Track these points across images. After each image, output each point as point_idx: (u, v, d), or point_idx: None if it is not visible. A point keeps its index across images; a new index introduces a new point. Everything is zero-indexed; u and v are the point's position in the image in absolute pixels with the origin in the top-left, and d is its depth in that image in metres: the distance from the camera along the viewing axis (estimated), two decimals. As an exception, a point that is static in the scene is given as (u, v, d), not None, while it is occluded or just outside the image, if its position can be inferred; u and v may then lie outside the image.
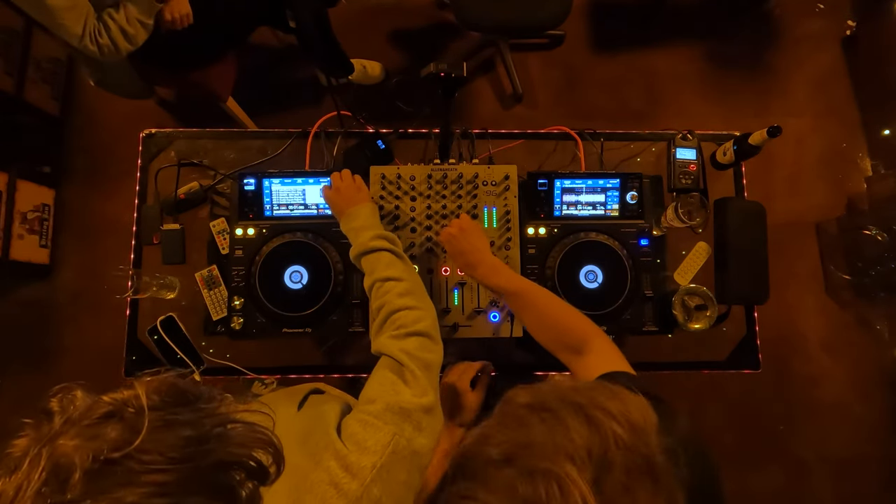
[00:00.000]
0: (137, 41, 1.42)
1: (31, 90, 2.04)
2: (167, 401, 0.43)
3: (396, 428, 0.62)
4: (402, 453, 0.60)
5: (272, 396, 0.88)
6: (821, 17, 2.40)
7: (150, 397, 0.42)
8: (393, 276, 0.86)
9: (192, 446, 0.41)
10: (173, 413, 0.42)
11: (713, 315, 1.22)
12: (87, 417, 0.41)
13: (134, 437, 0.39)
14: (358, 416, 0.64)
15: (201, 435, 0.42)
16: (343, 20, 1.87)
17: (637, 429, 0.45)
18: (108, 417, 0.41)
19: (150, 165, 1.34)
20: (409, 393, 0.67)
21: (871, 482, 2.08)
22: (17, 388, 2.05)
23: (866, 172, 2.28)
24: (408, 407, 0.64)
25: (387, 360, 0.73)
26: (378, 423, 0.62)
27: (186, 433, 0.42)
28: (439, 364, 0.77)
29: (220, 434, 0.44)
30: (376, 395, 0.67)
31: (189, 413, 0.43)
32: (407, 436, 0.61)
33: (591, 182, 1.26)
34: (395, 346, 0.74)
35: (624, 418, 0.45)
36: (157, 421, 0.41)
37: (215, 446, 0.43)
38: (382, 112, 2.20)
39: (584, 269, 1.21)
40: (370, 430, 0.61)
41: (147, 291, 1.20)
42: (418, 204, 1.22)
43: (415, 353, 0.73)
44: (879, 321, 2.16)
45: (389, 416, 0.63)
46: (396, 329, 0.77)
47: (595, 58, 2.34)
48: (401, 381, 0.69)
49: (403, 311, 0.80)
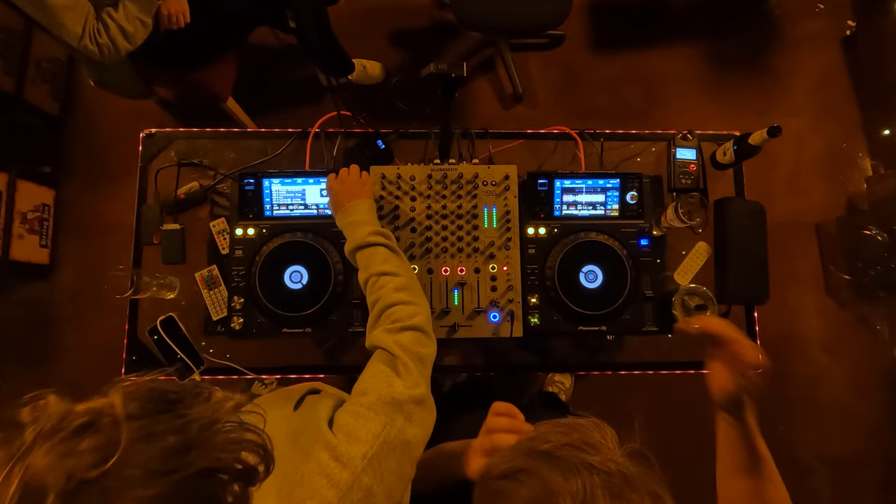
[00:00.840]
0: (136, 40, 1.42)
1: (31, 90, 2.04)
2: (148, 408, 0.40)
3: (388, 419, 0.61)
4: (393, 443, 0.60)
5: (269, 397, 0.88)
6: (821, 17, 2.40)
7: (127, 405, 0.39)
8: (389, 270, 0.86)
9: (175, 457, 0.39)
10: (154, 421, 0.40)
11: (713, 315, 1.22)
12: (60, 430, 0.37)
13: (111, 451, 0.36)
14: (350, 407, 0.64)
15: (185, 442, 0.40)
16: (343, 20, 1.87)
17: (601, 449, 0.48)
18: (84, 430, 0.38)
19: (150, 165, 1.34)
20: (402, 384, 0.67)
21: (871, 482, 2.08)
22: (16, 388, 2.05)
23: (866, 172, 2.28)
24: (399, 398, 0.64)
25: (381, 353, 0.73)
26: (370, 415, 0.62)
27: (169, 442, 0.39)
28: (432, 358, 0.77)
29: (206, 438, 0.41)
30: (369, 386, 0.67)
31: (171, 419, 0.41)
32: (398, 426, 0.61)
33: (591, 182, 1.26)
34: (390, 339, 0.74)
35: (586, 445, 0.48)
36: (137, 432, 0.38)
37: (200, 453, 0.40)
38: (382, 112, 2.20)
39: (584, 269, 1.21)
40: (361, 421, 0.61)
41: (147, 291, 1.20)
42: (418, 204, 1.22)
43: (409, 346, 0.73)
44: (879, 321, 2.16)
45: (381, 406, 0.63)
46: (392, 323, 0.78)
47: (595, 58, 2.34)
48: (394, 374, 0.69)
49: (399, 306, 0.80)
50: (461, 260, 1.20)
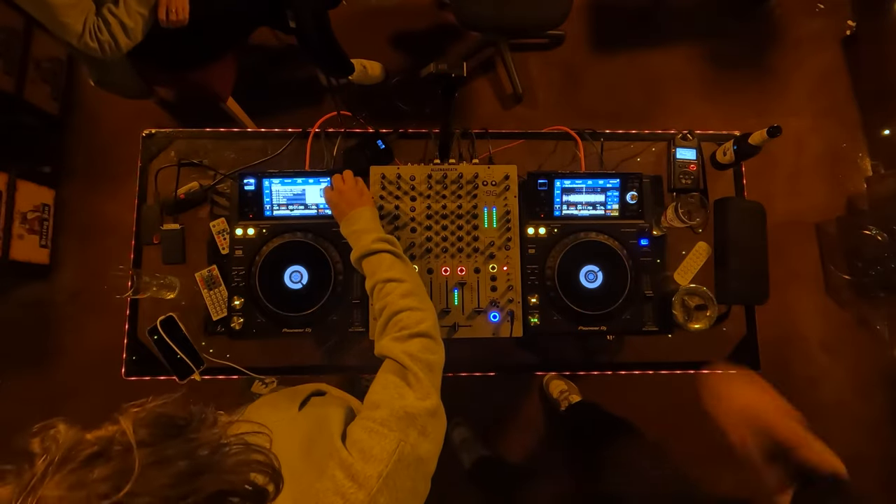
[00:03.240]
0: (137, 35, 1.42)
1: (31, 90, 2.04)
2: (157, 434, 0.40)
3: (402, 434, 0.61)
4: (406, 460, 0.59)
5: (273, 396, 0.88)
6: (821, 17, 2.40)
7: (137, 432, 0.39)
8: (395, 277, 0.86)
9: (186, 482, 0.39)
10: (164, 447, 0.40)
11: (713, 315, 1.22)
12: (71, 460, 0.37)
13: (124, 480, 0.36)
14: (363, 423, 0.64)
15: (195, 467, 0.40)
16: (343, 20, 1.87)
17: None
18: (94, 458, 0.38)
19: (150, 165, 1.34)
20: (413, 396, 0.67)
21: (871, 482, 2.07)
22: (17, 388, 2.05)
23: (866, 172, 2.28)
24: (412, 411, 0.64)
25: (390, 364, 0.73)
26: (383, 431, 0.61)
27: (180, 467, 0.39)
28: (442, 364, 0.77)
29: (215, 462, 0.42)
30: (380, 399, 0.67)
31: (181, 444, 0.41)
32: (412, 442, 0.61)
33: (591, 182, 1.26)
34: (399, 349, 0.74)
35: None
36: (148, 458, 0.38)
37: (210, 477, 0.40)
38: (382, 112, 2.20)
39: (584, 269, 1.21)
40: (375, 438, 0.60)
41: (147, 291, 1.20)
42: (418, 204, 1.22)
43: (418, 354, 0.73)
44: (879, 321, 2.16)
45: (394, 422, 0.63)
46: (399, 331, 0.78)
47: (595, 58, 2.34)
48: (405, 385, 0.69)
49: (406, 312, 0.80)
50: (461, 260, 1.20)
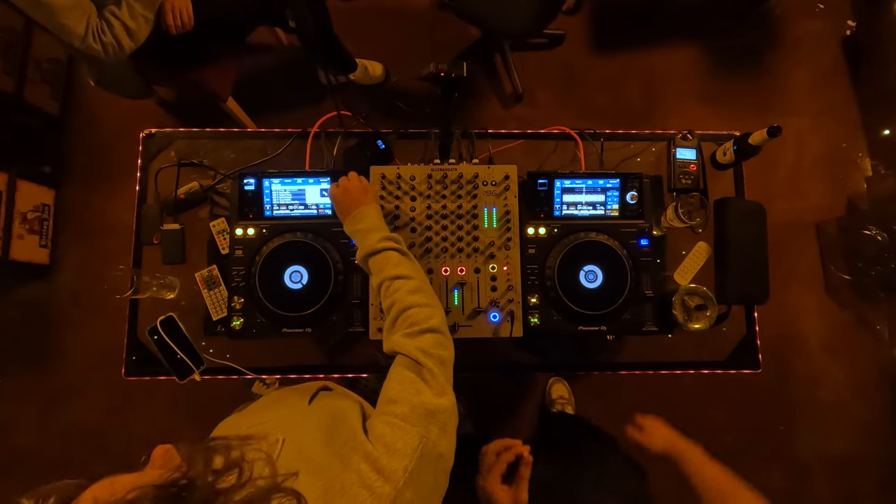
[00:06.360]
0: (140, 37, 1.41)
1: (31, 90, 2.05)
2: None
3: (423, 430, 0.62)
4: (429, 456, 0.60)
5: (280, 393, 0.88)
6: (821, 17, 2.40)
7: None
8: (402, 274, 0.87)
9: None
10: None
11: (713, 315, 1.22)
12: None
13: None
14: (383, 417, 0.64)
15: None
16: (344, 20, 1.87)
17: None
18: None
19: (150, 165, 1.34)
20: (430, 392, 0.67)
21: (871, 482, 2.08)
22: (17, 388, 2.05)
23: (866, 172, 2.28)
24: (432, 408, 0.65)
25: (403, 359, 0.73)
26: (405, 426, 0.62)
27: None
28: (452, 359, 0.77)
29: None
30: (397, 395, 0.67)
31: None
32: (433, 438, 0.62)
33: (591, 182, 1.26)
34: (411, 345, 0.74)
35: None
36: None
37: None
38: (382, 112, 2.20)
39: (584, 269, 1.21)
40: (398, 433, 0.61)
41: (147, 291, 1.20)
42: (418, 204, 1.22)
43: (430, 350, 0.73)
44: (879, 321, 2.16)
45: (415, 417, 0.63)
46: (409, 327, 0.78)
47: (595, 58, 2.34)
48: (420, 381, 0.69)
49: (415, 309, 0.80)
50: (461, 260, 1.20)
